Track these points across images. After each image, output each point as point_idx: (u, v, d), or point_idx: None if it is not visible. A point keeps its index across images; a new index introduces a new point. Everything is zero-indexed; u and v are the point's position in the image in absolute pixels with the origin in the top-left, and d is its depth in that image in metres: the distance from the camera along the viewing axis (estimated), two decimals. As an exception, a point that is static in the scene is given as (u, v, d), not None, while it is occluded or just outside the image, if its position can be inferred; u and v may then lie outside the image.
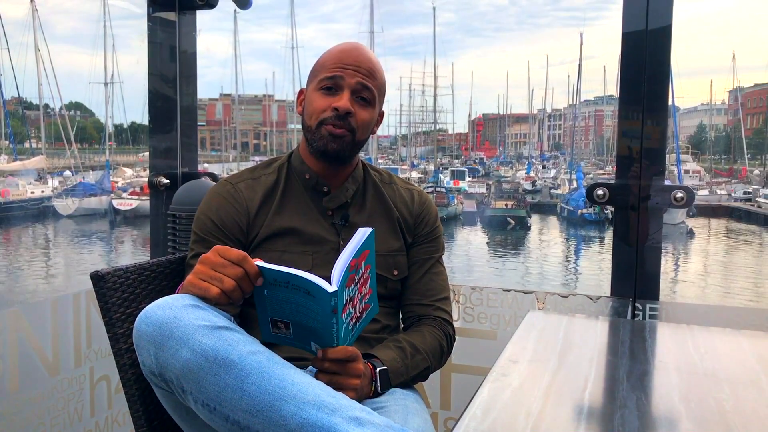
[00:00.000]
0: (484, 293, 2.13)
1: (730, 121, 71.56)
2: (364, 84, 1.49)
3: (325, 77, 1.49)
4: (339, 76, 1.48)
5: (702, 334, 1.49)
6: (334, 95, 1.48)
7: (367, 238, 1.22)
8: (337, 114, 1.47)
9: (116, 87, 45.44)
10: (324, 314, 1.17)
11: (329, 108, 1.48)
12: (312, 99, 1.51)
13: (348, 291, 1.20)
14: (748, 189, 38.53)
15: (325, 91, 1.49)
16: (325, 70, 1.50)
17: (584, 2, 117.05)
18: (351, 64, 1.49)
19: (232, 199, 1.52)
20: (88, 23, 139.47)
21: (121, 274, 1.45)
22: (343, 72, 1.48)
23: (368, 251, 1.23)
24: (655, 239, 1.92)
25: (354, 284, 1.21)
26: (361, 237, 1.22)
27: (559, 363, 1.28)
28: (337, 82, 1.48)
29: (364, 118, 1.51)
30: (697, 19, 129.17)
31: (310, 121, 1.51)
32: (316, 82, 1.51)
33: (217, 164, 51.20)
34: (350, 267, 1.18)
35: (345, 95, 1.47)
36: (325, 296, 1.14)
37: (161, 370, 1.13)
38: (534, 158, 68.58)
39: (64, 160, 41.14)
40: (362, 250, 1.21)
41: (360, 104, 1.50)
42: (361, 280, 1.24)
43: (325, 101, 1.49)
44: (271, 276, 1.17)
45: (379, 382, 1.37)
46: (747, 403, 1.09)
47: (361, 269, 1.22)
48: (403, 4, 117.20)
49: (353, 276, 1.21)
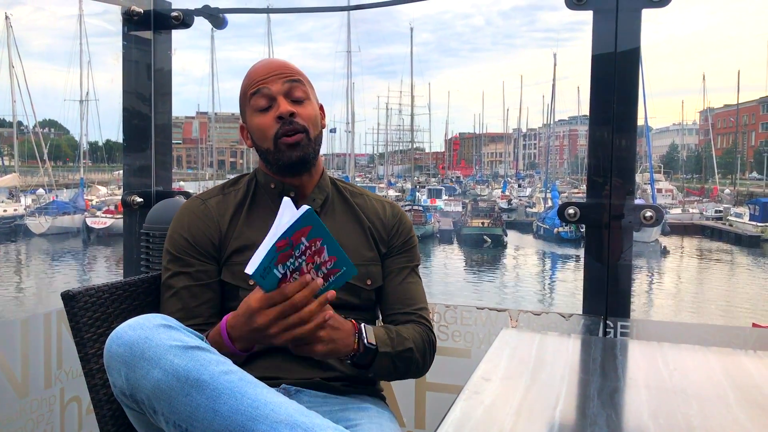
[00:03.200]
0: (458, 311, 2.14)
1: (701, 141, 72.87)
2: (291, 84, 1.50)
3: (254, 96, 1.50)
4: (263, 87, 1.49)
5: (672, 352, 1.51)
6: (271, 109, 1.50)
7: (301, 217, 1.18)
8: (283, 121, 1.48)
9: (92, 104, 44.94)
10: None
11: (273, 121, 1.49)
12: (254, 124, 1.52)
13: (284, 266, 1.20)
14: (720, 208, 39.18)
15: (261, 111, 1.50)
16: (248, 91, 1.52)
17: (558, 23, 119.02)
18: (269, 74, 1.50)
19: (204, 215, 1.52)
20: (63, 40, 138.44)
21: (93, 293, 1.44)
22: (265, 82, 1.50)
23: (310, 227, 1.20)
24: (626, 257, 1.94)
25: (292, 258, 1.20)
26: (291, 217, 1.19)
27: (531, 380, 1.29)
28: (266, 94, 1.49)
29: (309, 113, 1.52)
30: (668, 41, 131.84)
31: (265, 144, 1.51)
32: (249, 107, 1.53)
33: (193, 182, 50.87)
34: (277, 247, 1.17)
35: (281, 101, 1.49)
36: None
37: (132, 391, 1.12)
38: (509, 177, 69.13)
39: (38, 178, 40.57)
40: (297, 228, 1.18)
41: (297, 104, 1.51)
42: (308, 252, 1.22)
43: (267, 118, 1.50)
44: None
45: (365, 334, 1.36)
46: (714, 419, 1.11)
47: (302, 244, 1.20)
48: (381, 23, 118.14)
49: (289, 252, 1.19)
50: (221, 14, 2.48)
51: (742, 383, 1.29)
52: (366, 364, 1.39)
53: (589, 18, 1.95)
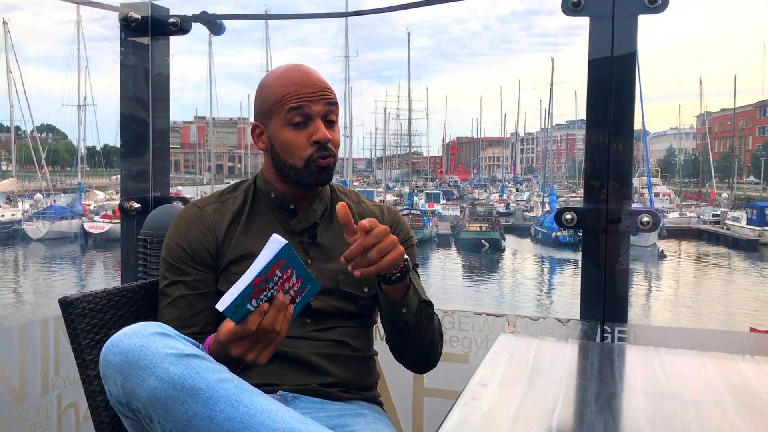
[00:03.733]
0: (455, 316, 2.14)
1: (698, 145, 73.05)
2: (330, 107, 1.49)
3: (293, 111, 1.46)
4: (305, 106, 1.46)
5: (669, 357, 1.51)
6: (306, 127, 1.47)
7: (277, 254, 1.18)
8: (319, 146, 1.47)
9: (89, 110, 44.97)
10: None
11: (307, 142, 1.47)
12: (284, 137, 1.48)
13: (257, 300, 1.20)
14: (717, 212, 39.25)
15: (295, 126, 1.47)
16: (285, 103, 1.47)
17: (556, 28, 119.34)
18: (312, 91, 1.47)
19: (200, 224, 1.51)
20: (61, 45, 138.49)
21: (91, 299, 1.44)
22: (308, 101, 1.46)
23: (283, 260, 1.20)
24: (623, 262, 1.95)
25: (266, 291, 1.20)
26: (268, 256, 1.18)
27: (529, 386, 1.29)
28: (305, 113, 1.46)
29: (337, 138, 1.51)
30: (665, 46, 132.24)
31: (292, 160, 1.49)
32: (281, 118, 1.48)
33: (191, 187, 50.88)
34: (253, 285, 1.17)
35: (319, 125, 1.46)
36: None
37: (128, 400, 1.12)
38: (507, 181, 69.20)
39: (35, 183, 40.55)
40: (273, 264, 1.18)
41: (329, 126, 1.49)
42: (279, 282, 1.22)
43: (302, 137, 1.47)
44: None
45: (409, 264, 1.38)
46: (711, 424, 1.11)
47: (275, 277, 1.20)
48: (378, 28, 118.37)
49: (263, 287, 1.19)
50: (219, 20, 2.49)
51: (740, 388, 1.29)
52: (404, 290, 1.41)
53: (586, 23, 1.96)
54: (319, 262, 1.52)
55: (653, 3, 1.87)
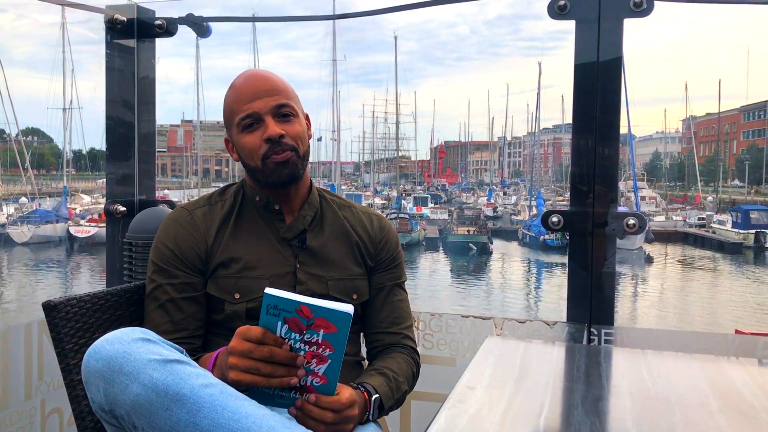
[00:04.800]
0: (443, 319, 2.14)
1: (683, 149, 73.64)
2: (278, 103, 1.48)
3: (240, 118, 1.47)
4: (250, 107, 1.46)
5: (655, 359, 1.52)
6: (259, 128, 1.47)
7: (336, 312, 1.12)
8: (272, 142, 1.46)
9: (75, 113, 44.68)
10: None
11: (261, 142, 1.46)
12: (242, 143, 1.49)
13: (287, 330, 1.13)
14: (702, 215, 39.52)
15: (248, 129, 1.48)
16: (236, 112, 1.48)
17: (543, 32, 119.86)
18: (256, 94, 1.47)
19: (190, 227, 1.50)
20: (46, 48, 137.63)
21: (75, 303, 1.42)
22: (253, 104, 1.46)
23: (336, 330, 1.13)
24: (610, 265, 1.95)
25: (297, 334, 1.14)
26: (331, 305, 1.13)
27: (516, 389, 1.29)
28: (252, 114, 1.46)
29: (296, 130, 1.50)
30: (650, 50, 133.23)
31: (252, 162, 1.49)
32: (235, 126, 1.49)
33: (178, 190, 50.62)
34: (300, 309, 1.11)
35: (269, 122, 1.46)
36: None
37: (111, 407, 1.11)
38: (495, 185, 69.43)
39: (20, 187, 40.21)
40: (325, 316, 1.12)
41: (285, 121, 1.48)
42: (314, 348, 1.15)
43: (255, 138, 1.47)
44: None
45: (371, 412, 1.33)
46: (697, 426, 1.11)
47: (316, 335, 1.13)
48: (366, 32, 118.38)
49: (300, 326, 1.13)
50: (205, 23, 2.48)
51: (725, 390, 1.30)
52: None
53: (573, 27, 1.97)
54: (308, 267, 1.51)
55: (638, 7, 1.88)
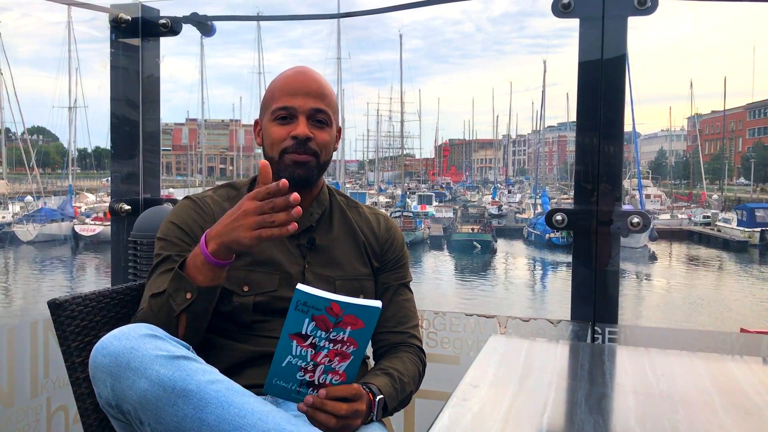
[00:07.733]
0: (447, 318, 2.14)
1: (689, 147, 73.43)
2: (317, 108, 1.49)
3: (278, 107, 1.49)
4: (290, 102, 1.48)
5: (659, 357, 1.52)
6: (290, 123, 1.49)
7: (365, 306, 1.14)
8: (298, 141, 1.47)
9: (80, 111, 44.66)
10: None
11: (288, 137, 1.48)
12: (269, 130, 1.51)
13: (313, 327, 1.14)
14: (707, 213, 39.42)
15: (280, 121, 1.49)
16: (276, 100, 1.50)
17: (548, 30, 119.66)
18: (300, 91, 1.49)
19: (199, 209, 1.51)
20: (51, 47, 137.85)
21: (80, 301, 1.43)
22: (294, 100, 1.48)
23: (362, 323, 1.15)
24: (614, 263, 1.95)
25: (323, 332, 1.15)
26: (358, 301, 1.15)
27: (519, 387, 1.29)
28: (289, 109, 1.48)
29: (324, 140, 1.51)
30: (655, 48, 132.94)
31: (271, 152, 1.51)
32: (269, 113, 1.51)
33: (183, 189, 50.70)
34: (330, 306, 1.12)
35: (301, 122, 1.48)
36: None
37: (118, 402, 1.11)
38: (499, 183, 69.31)
39: (26, 185, 40.32)
40: (354, 313, 1.14)
41: (317, 127, 1.50)
42: (338, 346, 1.17)
43: (283, 131, 1.49)
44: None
45: (375, 413, 1.32)
46: (701, 424, 1.11)
47: (343, 332, 1.15)
48: (371, 30, 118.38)
49: (327, 324, 1.14)
50: (209, 21, 2.48)
51: (729, 389, 1.29)
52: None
53: (577, 25, 1.96)
54: (315, 266, 1.51)
55: (643, 5, 1.88)
